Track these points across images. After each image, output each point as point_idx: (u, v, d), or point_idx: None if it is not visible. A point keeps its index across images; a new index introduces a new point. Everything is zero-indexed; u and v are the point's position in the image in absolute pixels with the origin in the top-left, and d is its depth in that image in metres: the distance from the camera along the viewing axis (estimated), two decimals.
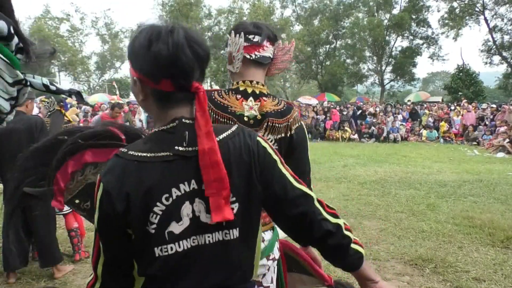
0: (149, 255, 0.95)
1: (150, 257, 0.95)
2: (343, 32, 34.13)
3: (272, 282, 1.57)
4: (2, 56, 0.49)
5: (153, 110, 1.03)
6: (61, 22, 38.56)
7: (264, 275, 1.54)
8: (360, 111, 18.66)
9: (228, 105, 1.47)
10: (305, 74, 34.73)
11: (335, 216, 1.12)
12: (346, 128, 17.17)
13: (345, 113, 18.43)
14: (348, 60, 34.74)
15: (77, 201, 1.46)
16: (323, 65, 34.64)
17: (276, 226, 1.58)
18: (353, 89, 43.35)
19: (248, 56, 1.50)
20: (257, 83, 1.53)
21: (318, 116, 18.44)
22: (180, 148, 0.97)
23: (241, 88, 1.51)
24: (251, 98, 1.51)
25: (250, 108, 1.50)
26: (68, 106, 14.64)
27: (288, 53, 1.62)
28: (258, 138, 1.06)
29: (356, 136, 16.78)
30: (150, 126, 15.81)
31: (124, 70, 41.24)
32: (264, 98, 1.53)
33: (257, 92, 1.52)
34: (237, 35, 1.46)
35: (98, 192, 0.95)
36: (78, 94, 0.74)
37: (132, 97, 31.98)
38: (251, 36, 1.49)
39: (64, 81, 38.36)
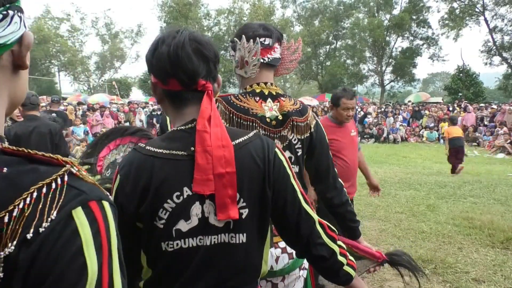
0: (156, 248, 0.99)
1: (157, 251, 0.99)
2: (343, 33, 34.14)
3: None
4: None
5: (170, 111, 1.08)
6: (61, 22, 38.56)
7: (294, 285, 1.54)
8: (361, 112, 18.68)
9: (249, 108, 1.45)
10: (305, 74, 34.74)
11: (334, 240, 1.13)
12: None
13: None
14: (348, 61, 34.75)
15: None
16: (323, 66, 34.64)
17: None
18: (353, 89, 43.37)
19: (261, 60, 1.49)
20: (271, 84, 1.53)
21: (318, 117, 18.43)
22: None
23: (257, 91, 1.50)
24: (269, 99, 1.50)
25: (270, 109, 1.49)
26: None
27: (297, 51, 1.61)
28: (276, 150, 1.09)
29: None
30: (150, 126, 15.82)
31: (124, 70, 41.27)
32: (281, 98, 1.53)
33: (274, 93, 1.52)
34: (251, 40, 1.44)
35: (115, 183, 1.00)
36: None
37: (132, 97, 32.05)
38: (262, 39, 1.47)
39: (64, 81, 38.39)
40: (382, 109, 19.64)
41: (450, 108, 18.65)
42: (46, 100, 18.28)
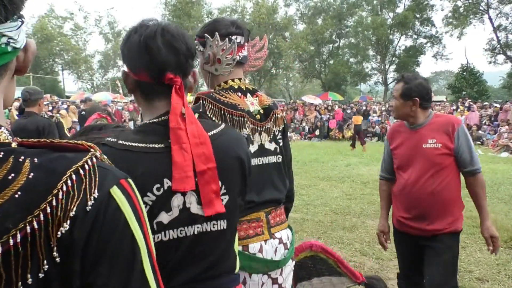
0: None
1: None
2: (346, 31, 34.07)
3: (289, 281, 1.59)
4: None
5: (141, 102, 1.08)
6: (65, 21, 38.69)
7: (290, 277, 1.55)
8: (364, 110, 18.66)
9: (236, 103, 1.45)
10: (308, 73, 34.67)
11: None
12: (350, 127, 17.14)
13: (348, 111, 18.44)
14: (351, 59, 34.68)
15: None
16: (326, 64, 34.57)
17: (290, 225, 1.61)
18: (356, 88, 43.25)
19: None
20: (244, 80, 1.55)
21: (322, 116, 18.42)
22: None
23: (236, 86, 1.49)
24: (249, 95, 1.51)
25: (251, 103, 1.50)
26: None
27: (262, 50, 1.65)
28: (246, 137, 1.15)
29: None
30: None
31: None
32: (258, 93, 1.56)
33: (250, 88, 1.54)
34: (226, 39, 1.42)
35: None
36: None
37: None
38: (234, 37, 1.45)
39: (68, 80, 38.51)
40: (386, 108, 19.59)
41: (454, 107, 18.57)
42: (50, 99, 18.38)
